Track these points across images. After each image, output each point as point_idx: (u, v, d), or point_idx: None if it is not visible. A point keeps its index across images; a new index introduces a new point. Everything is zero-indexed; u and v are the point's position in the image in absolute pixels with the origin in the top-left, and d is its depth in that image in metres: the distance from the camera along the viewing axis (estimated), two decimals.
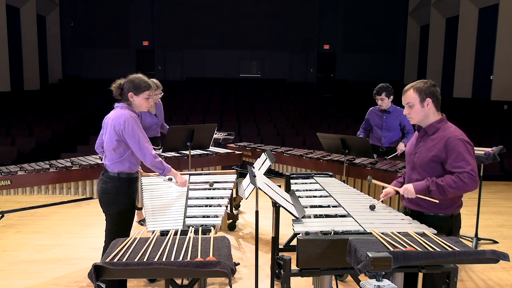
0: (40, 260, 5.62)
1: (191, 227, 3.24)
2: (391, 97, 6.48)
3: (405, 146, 6.44)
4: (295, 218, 3.34)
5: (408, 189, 3.44)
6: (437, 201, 3.38)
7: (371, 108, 6.79)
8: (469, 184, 3.26)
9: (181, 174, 4.61)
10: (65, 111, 15.85)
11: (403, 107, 6.57)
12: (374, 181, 3.93)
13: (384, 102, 6.46)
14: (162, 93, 6.55)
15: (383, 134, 6.60)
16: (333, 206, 3.77)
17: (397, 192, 3.92)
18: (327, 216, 3.53)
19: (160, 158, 4.10)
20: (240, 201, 7.60)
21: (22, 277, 5.14)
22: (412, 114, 3.56)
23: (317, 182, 4.60)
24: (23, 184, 5.16)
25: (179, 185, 4.29)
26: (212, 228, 3.32)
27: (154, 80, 6.29)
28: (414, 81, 3.64)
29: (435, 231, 3.12)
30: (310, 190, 4.31)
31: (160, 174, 4.18)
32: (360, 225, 3.23)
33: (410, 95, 3.53)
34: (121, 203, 4.09)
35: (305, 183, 4.59)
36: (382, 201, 3.84)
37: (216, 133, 6.94)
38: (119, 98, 4.12)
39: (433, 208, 3.43)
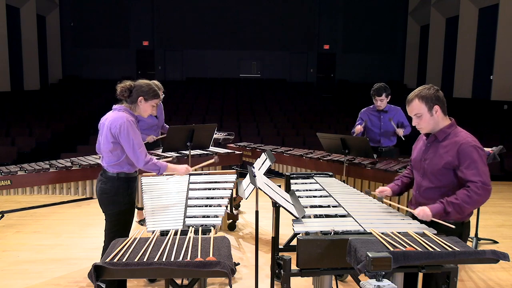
0: (40, 260, 5.62)
1: (191, 227, 3.24)
2: (389, 97, 6.47)
3: (403, 132, 6.42)
4: (295, 218, 3.34)
5: (425, 212, 3.26)
6: (453, 227, 3.25)
7: (363, 110, 6.71)
8: (483, 195, 3.17)
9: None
10: (65, 111, 15.85)
11: (398, 105, 6.59)
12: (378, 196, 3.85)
13: (383, 102, 6.44)
14: (163, 95, 6.55)
15: (382, 134, 6.57)
16: (333, 206, 3.77)
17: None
18: (327, 216, 3.53)
19: (153, 160, 4.07)
20: (240, 201, 7.60)
21: (22, 277, 5.14)
22: (422, 124, 3.42)
23: (317, 182, 4.60)
24: (23, 184, 5.17)
25: (182, 174, 4.35)
26: (212, 228, 3.32)
27: (155, 81, 6.30)
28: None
29: (435, 231, 3.12)
30: (310, 190, 4.31)
31: (157, 174, 4.17)
32: (360, 225, 3.23)
33: (416, 106, 3.38)
34: (120, 203, 4.08)
35: (305, 183, 4.59)
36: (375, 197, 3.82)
37: (216, 133, 6.94)
38: (123, 98, 4.10)
39: (444, 216, 3.37)
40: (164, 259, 2.63)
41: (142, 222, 6.75)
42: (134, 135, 3.95)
